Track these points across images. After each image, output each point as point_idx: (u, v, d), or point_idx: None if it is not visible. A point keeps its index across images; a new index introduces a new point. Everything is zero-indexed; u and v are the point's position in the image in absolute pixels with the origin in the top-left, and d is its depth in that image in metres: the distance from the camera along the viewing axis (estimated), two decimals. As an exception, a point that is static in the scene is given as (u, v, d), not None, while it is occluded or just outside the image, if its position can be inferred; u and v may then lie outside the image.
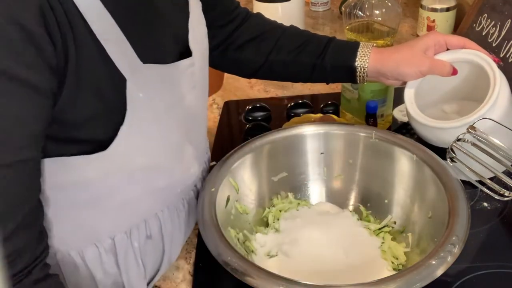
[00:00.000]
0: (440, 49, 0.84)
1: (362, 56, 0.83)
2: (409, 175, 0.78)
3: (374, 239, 0.76)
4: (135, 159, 0.64)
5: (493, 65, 0.80)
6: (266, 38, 0.88)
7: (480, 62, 0.81)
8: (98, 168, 0.61)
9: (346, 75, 0.85)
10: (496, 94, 0.76)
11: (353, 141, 0.82)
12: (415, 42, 0.84)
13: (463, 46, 0.83)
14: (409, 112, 0.84)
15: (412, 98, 0.84)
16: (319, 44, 0.86)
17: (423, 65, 0.81)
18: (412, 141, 0.79)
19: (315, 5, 1.66)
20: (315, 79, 0.89)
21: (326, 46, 0.85)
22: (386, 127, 1.02)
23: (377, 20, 1.03)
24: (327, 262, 0.72)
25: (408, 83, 0.85)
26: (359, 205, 0.83)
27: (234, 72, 0.95)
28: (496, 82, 0.77)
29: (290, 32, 0.89)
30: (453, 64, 0.82)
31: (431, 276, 0.58)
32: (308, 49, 0.86)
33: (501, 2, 1.12)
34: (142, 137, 0.62)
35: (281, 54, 0.87)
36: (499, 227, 0.79)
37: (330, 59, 0.85)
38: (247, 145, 0.80)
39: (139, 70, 0.59)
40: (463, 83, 0.88)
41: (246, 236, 0.76)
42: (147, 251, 0.71)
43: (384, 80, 0.85)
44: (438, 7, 1.33)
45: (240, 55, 0.89)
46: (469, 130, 0.74)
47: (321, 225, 0.77)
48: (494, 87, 0.77)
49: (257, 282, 0.58)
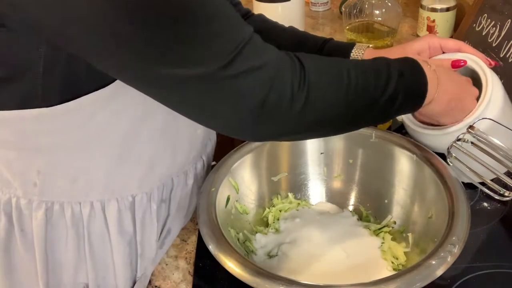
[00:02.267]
0: (435, 52, 0.83)
1: (355, 56, 0.83)
2: (409, 175, 0.78)
3: (374, 239, 0.76)
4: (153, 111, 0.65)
5: (483, 65, 0.79)
6: (266, 36, 0.88)
7: (471, 64, 0.80)
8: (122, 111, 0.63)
9: None
10: (489, 94, 0.75)
11: (353, 141, 0.83)
12: (409, 44, 0.83)
13: (459, 50, 0.83)
14: (404, 120, 0.83)
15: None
16: (315, 44, 0.87)
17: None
18: (412, 141, 0.79)
19: (315, 5, 1.66)
20: None
21: (321, 46, 0.86)
22: (386, 127, 1.02)
23: (377, 20, 1.03)
24: (327, 262, 0.72)
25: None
26: (359, 205, 0.83)
27: None
28: (488, 82, 0.76)
29: (289, 31, 0.90)
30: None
31: (431, 276, 0.58)
32: (305, 48, 0.86)
33: (501, 2, 1.12)
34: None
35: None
36: (499, 227, 0.79)
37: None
38: (247, 145, 0.80)
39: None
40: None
41: (246, 236, 0.76)
42: (160, 215, 0.74)
43: None
44: (438, 7, 1.32)
45: None
46: (469, 130, 0.74)
47: (321, 225, 0.78)
48: (487, 88, 0.76)
49: (257, 282, 0.58)
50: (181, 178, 0.77)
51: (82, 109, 0.61)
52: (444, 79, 0.70)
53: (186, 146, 0.75)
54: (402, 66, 0.65)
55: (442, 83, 0.69)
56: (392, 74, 0.63)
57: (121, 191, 0.70)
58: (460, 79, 0.75)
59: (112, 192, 0.69)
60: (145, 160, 0.70)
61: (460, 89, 0.74)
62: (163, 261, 0.77)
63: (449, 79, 0.72)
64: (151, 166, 0.71)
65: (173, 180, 0.75)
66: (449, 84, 0.71)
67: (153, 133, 0.68)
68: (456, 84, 0.73)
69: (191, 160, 0.78)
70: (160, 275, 0.75)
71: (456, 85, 0.73)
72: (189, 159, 0.77)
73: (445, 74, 0.71)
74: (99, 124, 0.63)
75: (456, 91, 0.73)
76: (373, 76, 0.62)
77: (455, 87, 0.73)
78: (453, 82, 0.73)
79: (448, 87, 0.71)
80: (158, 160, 0.71)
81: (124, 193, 0.70)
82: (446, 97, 0.71)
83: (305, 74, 0.57)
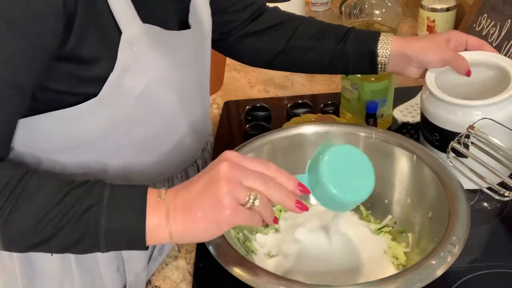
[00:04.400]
0: (460, 47, 0.84)
1: (383, 42, 0.83)
2: (409, 175, 0.78)
3: (375, 239, 0.76)
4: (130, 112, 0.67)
5: (509, 61, 0.81)
6: (286, 26, 0.89)
7: (500, 62, 0.82)
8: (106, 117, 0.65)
9: (368, 62, 0.85)
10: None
11: (353, 141, 0.82)
12: (436, 34, 0.86)
13: (481, 48, 0.84)
14: (431, 91, 0.81)
15: (433, 80, 0.83)
16: (341, 30, 0.87)
17: (447, 53, 0.81)
18: (412, 141, 0.79)
19: (315, 5, 1.66)
20: (335, 66, 0.89)
21: (347, 32, 0.86)
22: (386, 127, 1.02)
23: (377, 20, 1.03)
24: (327, 262, 0.72)
25: (430, 70, 0.84)
26: (359, 205, 0.83)
27: (250, 60, 0.95)
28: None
29: (310, 20, 0.90)
30: (471, 65, 0.83)
31: (431, 276, 0.58)
32: (329, 35, 0.87)
33: (501, 2, 1.12)
34: (130, 89, 0.65)
35: (302, 40, 0.87)
36: (499, 227, 0.79)
37: (352, 44, 0.85)
38: (247, 145, 0.80)
39: (136, 27, 0.63)
40: (480, 87, 0.86)
41: (246, 236, 0.76)
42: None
43: (404, 68, 0.85)
44: (438, 7, 1.33)
45: (258, 41, 0.90)
46: (469, 130, 0.74)
47: (321, 225, 0.77)
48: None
49: (257, 282, 0.58)
50: (165, 183, 0.78)
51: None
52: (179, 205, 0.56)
53: (170, 154, 0.76)
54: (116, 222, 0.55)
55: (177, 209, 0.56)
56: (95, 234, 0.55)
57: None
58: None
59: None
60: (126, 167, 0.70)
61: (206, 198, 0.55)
62: (163, 261, 0.77)
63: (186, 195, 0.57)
64: (131, 172, 0.71)
65: (156, 186, 0.75)
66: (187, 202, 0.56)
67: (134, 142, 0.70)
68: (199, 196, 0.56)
69: (175, 168, 0.79)
70: (160, 275, 0.75)
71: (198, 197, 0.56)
72: (174, 166, 0.78)
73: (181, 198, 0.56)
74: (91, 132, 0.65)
75: (201, 200, 0.55)
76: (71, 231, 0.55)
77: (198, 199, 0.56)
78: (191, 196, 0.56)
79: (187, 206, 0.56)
80: (137, 166, 0.72)
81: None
82: (190, 215, 0.55)
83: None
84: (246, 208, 0.54)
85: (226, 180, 0.53)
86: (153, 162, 0.74)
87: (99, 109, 0.64)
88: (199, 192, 0.55)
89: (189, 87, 0.75)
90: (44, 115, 0.63)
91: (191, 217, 0.54)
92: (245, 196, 0.54)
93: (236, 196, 0.53)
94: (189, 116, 0.77)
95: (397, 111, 1.05)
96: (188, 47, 0.73)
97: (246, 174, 0.55)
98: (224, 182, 0.53)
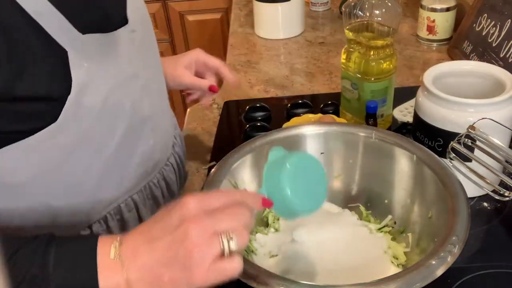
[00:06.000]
0: (201, 67, 0.93)
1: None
2: (409, 175, 0.78)
3: (375, 239, 0.76)
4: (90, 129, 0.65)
5: (504, 71, 0.82)
6: None
7: (492, 70, 0.83)
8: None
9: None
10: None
11: (353, 141, 0.82)
12: (180, 56, 0.93)
13: (217, 70, 0.93)
14: (428, 89, 0.81)
15: (431, 79, 0.83)
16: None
17: (185, 80, 0.91)
18: (412, 141, 0.79)
19: (315, 5, 1.66)
20: None
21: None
22: (386, 127, 1.02)
23: (377, 20, 1.03)
24: (327, 262, 0.72)
25: (431, 68, 0.86)
26: (359, 205, 0.83)
27: None
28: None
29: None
30: (464, 77, 0.85)
31: (431, 276, 0.58)
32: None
33: (501, 2, 1.12)
34: (91, 105, 0.63)
35: None
36: (499, 227, 0.80)
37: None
38: (247, 145, 0.80)
39: (79, 41, 0.60)
40: (474, 94, 0.86)
41: (246, 236, 0.76)
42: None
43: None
44: (438, 7, 1.33)
45: None
46: (469, 130, 0.74)
47: (321, 225, 0.77)
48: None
49: (257, 282, 0.58)
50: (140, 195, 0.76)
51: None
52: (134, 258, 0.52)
53: (141, 162, 0.75)
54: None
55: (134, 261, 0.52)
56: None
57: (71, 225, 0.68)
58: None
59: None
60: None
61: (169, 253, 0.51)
62: (163, 261, 0.77)
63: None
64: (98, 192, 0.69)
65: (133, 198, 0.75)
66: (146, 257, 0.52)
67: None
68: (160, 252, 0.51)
69: (149, 176, 0.78)
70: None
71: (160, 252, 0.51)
72: (147, 174, 0.77)
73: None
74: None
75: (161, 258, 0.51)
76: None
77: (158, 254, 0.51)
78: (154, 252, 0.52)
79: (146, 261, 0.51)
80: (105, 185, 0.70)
81: (81, 226, 0.69)
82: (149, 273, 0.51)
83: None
84: (225, 258, 0.50)
85: (196, 237, 0.49)
86: (127, 173, 0.73)
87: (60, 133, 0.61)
88: (164, 252, 0.50)
89: (143, 83, 0.73)
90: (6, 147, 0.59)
91: (158, 284, 0.50)
92: (218, 248, 0.49)
93: (212, 253, 0.49)
94: (152, 119, 0.75)
95: (397, 111, 1.05)
96: (132, 43, 0.70)
97: (216, 221, 0.50)
98: (194, 243, 0.49)
